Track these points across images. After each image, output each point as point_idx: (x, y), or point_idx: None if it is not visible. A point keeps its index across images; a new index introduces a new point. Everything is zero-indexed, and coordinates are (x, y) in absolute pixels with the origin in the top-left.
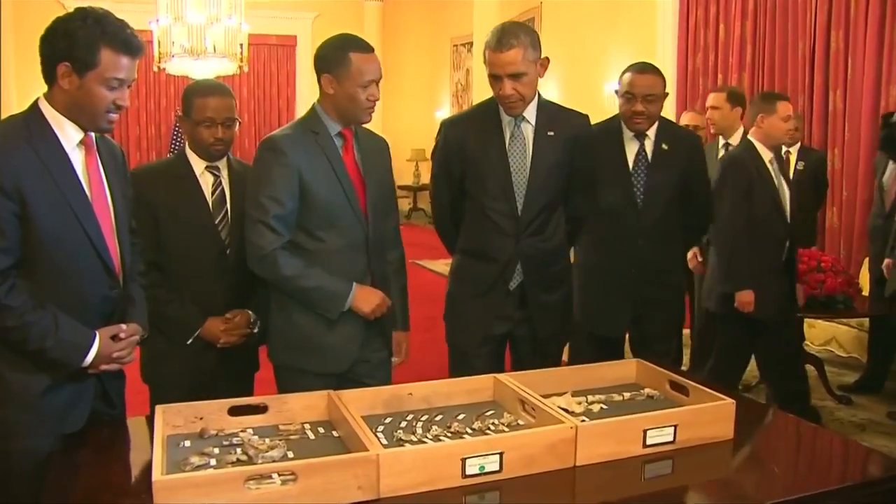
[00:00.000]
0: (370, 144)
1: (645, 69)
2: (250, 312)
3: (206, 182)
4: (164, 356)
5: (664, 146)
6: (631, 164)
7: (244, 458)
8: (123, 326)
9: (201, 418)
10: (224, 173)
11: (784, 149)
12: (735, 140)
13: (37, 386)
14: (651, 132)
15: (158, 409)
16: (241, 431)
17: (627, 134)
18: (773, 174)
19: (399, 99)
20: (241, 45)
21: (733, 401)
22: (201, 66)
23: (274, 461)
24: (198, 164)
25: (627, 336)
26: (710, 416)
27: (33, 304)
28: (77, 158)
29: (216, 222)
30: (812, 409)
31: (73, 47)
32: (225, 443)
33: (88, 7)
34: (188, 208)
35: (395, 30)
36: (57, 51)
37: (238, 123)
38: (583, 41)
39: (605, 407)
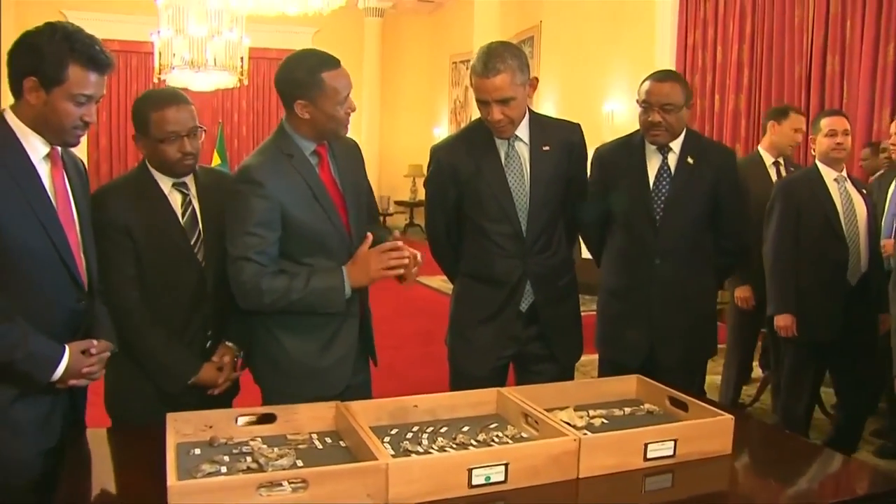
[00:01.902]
0: (342, 151)
1: (664, 77)
2: (231, 345)
3: (175, 201)
4: (129, 390)
5: (689, 160)
6: (652, 180)
7: (254, 465)
8: (94, 342)
9: (211, 427)
10: (192, 189)
11: None
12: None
13: (5, 397)
14: (675, 145)
15: (169, 416)
16: (251, 440)
17: (650, 148)
18: (835, 195)
19: (397, 115)
20: (242, 58)
21: (732, 416)
22: (202, 78)
23: (284, 469)
24: (164, 182)
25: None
26: (709, 430)
27: (1, 317)
28: (44, 171)
29: (192, 243)
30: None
31: (40, 62)
32: (235, 451)
33: (58, 22)
34: (162, 231)
35: (395, 45)
36: (24, 65)
37: (204, 132)
38: (582, 61)
39: (605, 421)
